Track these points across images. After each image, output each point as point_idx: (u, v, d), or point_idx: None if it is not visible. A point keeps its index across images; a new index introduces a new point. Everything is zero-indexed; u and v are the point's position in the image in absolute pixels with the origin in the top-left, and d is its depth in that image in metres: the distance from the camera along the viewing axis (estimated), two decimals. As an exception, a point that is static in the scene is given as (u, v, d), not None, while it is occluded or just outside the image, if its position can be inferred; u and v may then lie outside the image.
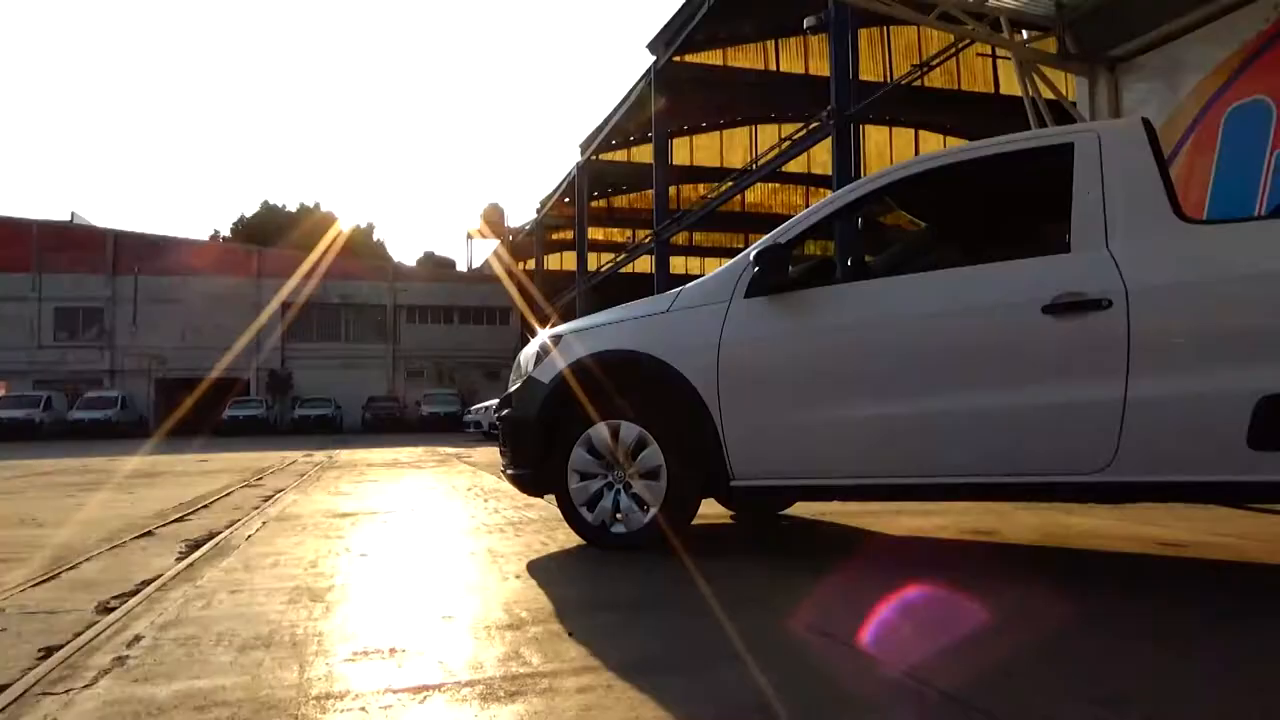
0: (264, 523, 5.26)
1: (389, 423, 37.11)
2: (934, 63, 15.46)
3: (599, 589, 3.24)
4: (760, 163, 21.43)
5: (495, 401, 5.52)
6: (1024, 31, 8.93)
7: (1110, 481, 3.06)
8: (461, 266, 53.96)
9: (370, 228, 59.85)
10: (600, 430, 3.91)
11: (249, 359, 39.77)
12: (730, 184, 22.91)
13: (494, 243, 46.15)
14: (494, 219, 50.17)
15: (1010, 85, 17.35)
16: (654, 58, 22.64)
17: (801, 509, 5.24)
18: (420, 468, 10.95)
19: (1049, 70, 8.86)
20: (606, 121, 27.64)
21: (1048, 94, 8.80)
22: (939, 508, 5.29)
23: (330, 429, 35.56)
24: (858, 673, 2.14)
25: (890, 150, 26.18)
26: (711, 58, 23.65)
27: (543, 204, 37.36)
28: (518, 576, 3.45)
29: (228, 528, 5.03)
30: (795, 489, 3.84)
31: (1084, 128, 3.54)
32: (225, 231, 57.00)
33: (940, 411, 3.28)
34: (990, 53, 20.17)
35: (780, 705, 1.91)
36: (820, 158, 21.66)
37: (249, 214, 57.66)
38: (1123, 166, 3.23)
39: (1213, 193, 7.41)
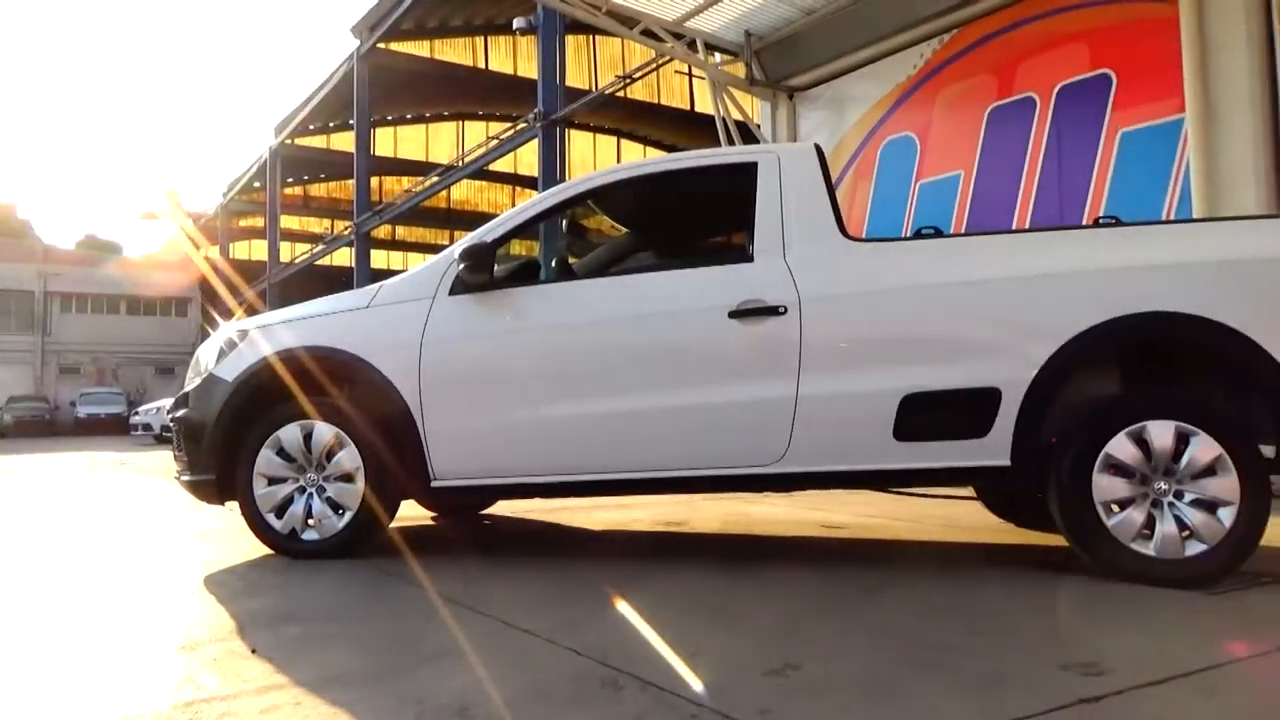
0: None
1: (36, 427, 32.27)
2: (636, 75, 16.15)
3: (287, 600, 3.03)
4: (467, 159, 21.22)
5: (169, 401, 5.01)
6: (717, 55, 9.58)
7: (784, 472, 3.37)
8: (133, 252, 48.43)
9: (12, 206, 52.19)
10: (291, 431, 3.67)
11: None
12: (436, 179, 22.46)
13: (171, 227, 41.77)
14: (172, 201, 45.39)
15: (705, 103, 18.54)
16: (358, 42, 21.68)
17: (503, 508, 5.25)
18: (75, 477, 9.68)
19: (738, 93, 9.59)
20: (304, 105, 26.00)
21: (737, 114, 9.51)
22: (634, 501, 5.53)
23: (-42, 434, 30.46)
24: (558, 667, 2.17)
25: (594, 156, 26.95)
26: (419, 48, 23.04)
27: (230, 188, 34.44)
28: (194, 593, 3.14)
29: None
30: (497, 488, 3.83)
31: (766, 149, 3.87)
32: None
33: (636, 410, 3.43)
34: (688, 71, 21.42)
35: (481, 705, 1.90)
36: (527, 158, 21.84)
37: None
38: (798, 186, 3.56)
39: (870, 214, 8.42)
